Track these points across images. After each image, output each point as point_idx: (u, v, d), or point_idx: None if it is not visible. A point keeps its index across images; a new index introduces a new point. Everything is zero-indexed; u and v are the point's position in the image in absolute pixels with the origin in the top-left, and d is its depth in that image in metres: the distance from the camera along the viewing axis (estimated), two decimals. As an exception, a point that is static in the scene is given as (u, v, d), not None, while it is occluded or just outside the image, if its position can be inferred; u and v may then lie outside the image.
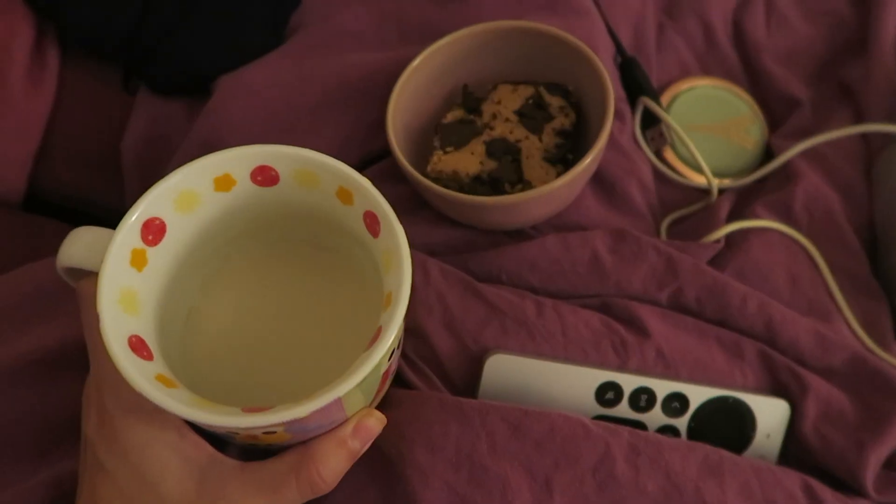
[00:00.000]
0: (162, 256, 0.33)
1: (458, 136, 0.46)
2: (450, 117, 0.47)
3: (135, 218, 0.31)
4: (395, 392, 0.39)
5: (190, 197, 0.33)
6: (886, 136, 0.51)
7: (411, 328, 0.42)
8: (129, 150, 0.55)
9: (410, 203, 0.47)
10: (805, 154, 0.53)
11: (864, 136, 0.54)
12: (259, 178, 0.33)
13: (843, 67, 0.59)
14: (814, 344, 0.44)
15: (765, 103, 0.58)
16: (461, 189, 0.45)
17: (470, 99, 0.48)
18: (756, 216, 0.50)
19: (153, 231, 0.32)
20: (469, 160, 0.45)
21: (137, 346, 0.30)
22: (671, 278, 0.45)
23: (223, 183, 0.33)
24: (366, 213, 0.33)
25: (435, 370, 0.41)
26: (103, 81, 0.58)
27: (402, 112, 0.47)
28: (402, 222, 0.47)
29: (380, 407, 0.37)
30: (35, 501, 0.38)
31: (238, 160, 0.33)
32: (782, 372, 0.43)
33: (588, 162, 0.42)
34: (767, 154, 0.56)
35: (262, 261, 0.39)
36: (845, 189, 0.52)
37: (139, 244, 0.31)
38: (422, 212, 0.47)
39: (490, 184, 0.44)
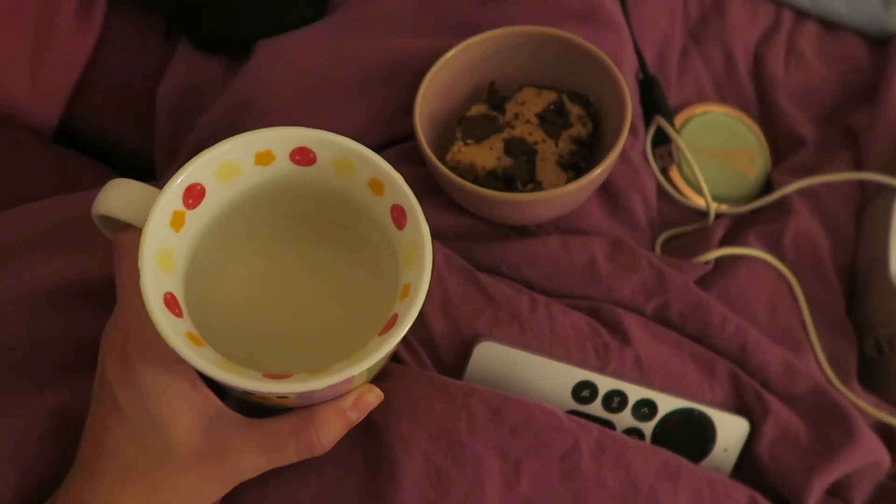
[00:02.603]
0: (198, 220, 0.35)
1: (479, 131, 0.49)
2: (474, 111, 0.50)
3: (180, 181, 0.33)
4: (388, 365, 0.42)
5: (231, 167, 0.34)
6: (880, 186, 0.54)
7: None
8: (164, 99, 0.57)
9: (425, 187, 0.50)
10: (802, 192, 0.55)
11: (860, 183, 0.57)
12: (297, 158, 0.35)
13: (851, 113, 0.61)
14: (781, 371, 0.47)
15: (772, 137, 0.61)
16: (476, 181, 0.48)
17: (495, 96, 0.50)
18: (747, 244, 0.53)
19: (194, 195, 0.34)
20: (487, 154, 0.47)
21: (171, 303, 0.32)
22: (659, 291, 0.48)
23: (263, 158, 0.35)
24: (394, 206, 0.35)
25: (427, 349, 0.44)
26: (146, 30, 0.60)
27: (429, 100, 0.49)
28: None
29: (372, 377, 0.40)
30: (39, 427, 0.39)
31: (281, 139, 0.34)
32: (748, 393, 0.46)
33: (599, 172, 0.44)
34: (767, 186, 0.59)
35: (288, 235, 0.41)
36: (834, 230, 0.55)
37: (180, 206, 0.33)
38: (435, 196, 0.50)
39: (504, 180, 0.47)
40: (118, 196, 0.33)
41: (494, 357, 0.44)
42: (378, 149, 0.53)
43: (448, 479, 0.38)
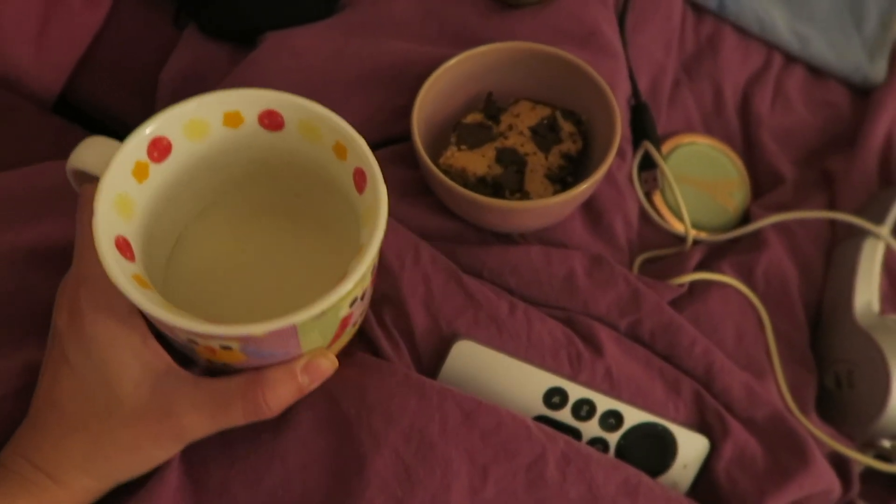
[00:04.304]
0: (163, 175, 0.35)
1: (473, 138, 0.50)
2: (470, 119, 0.51)
3: (147, 132, 0.33)
4: (365, 357, 0.43)
5: (200, 125, 0.35)
6: (851, 228, 0.56)
7: (395, 301, 0.46)
8: (167, 82, 0.58)
9: (416, 188, 0.51)
10: (776, 226, 0.57)
11: (832, 223, 0.59)
12: (266, 122, 0.36)
13: (829, 157, 0.64)
14: (744, 395, 0.48)
15: (753, 172, 0.63)
16: (465, 186, 0.49)
17: (492, 107, 0.52)
18: (721, 271, 0.55)
19: (160, 149, 0.34)
20: (479, 161, 0.49)
21: (123, 246, 0.32)
22: (633, 309, 0.49)
23: (232, 119, 0.35)
24: (356, 170, 0.35)
25: (407, 342, 0.45)
26: (156, 12, 0.61)
27: (428, 104, 0.51)
28: (405, 205, 0.51)
29: (350, 368, 0.40)
30: (10, 383, 0.39)
31: (249, 100, 0.35)
32: (710, 413, 0.48)
33: (584, 188, 0.46)
34: (745, 219, 0.61)
35: (256, 202, 0.42)
36: (804, 266, 0.57)
37: (144, 157, 0.33)
38: (425, 198, 0.51)
39: (493, 187, 0.49)
40: (92, 152, 0.34)
41: (471, 356, 0.45)
42: (373, 147, 0.55)
43: (416, 480, 0.39)
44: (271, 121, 0.36)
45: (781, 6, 0.67)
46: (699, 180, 0.61)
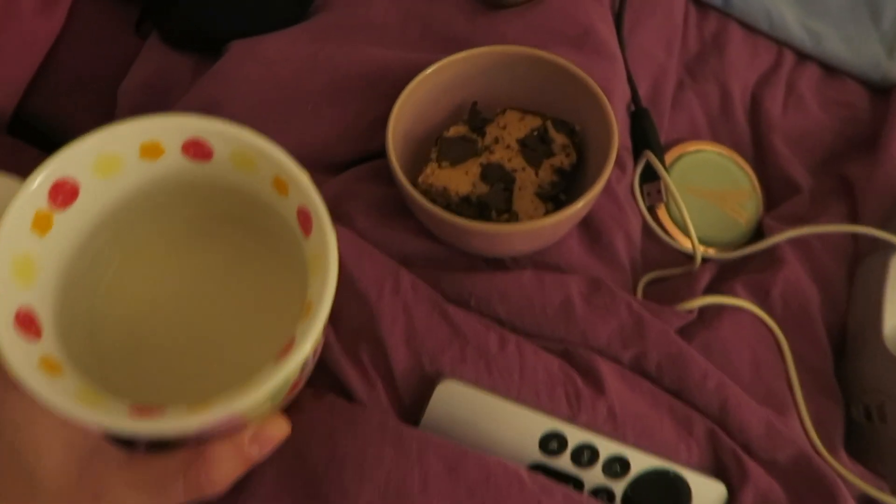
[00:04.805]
0: (71, 222, 0.30)
1: (456, 153, 0.45)
2: (452, 132, 0.47)
3: (41, 179, 0.28)
4: (336, 401, 0.38)
5: (112, 161, 0.30)
6: (876, 242, 0.51)
7: (372, 336, 0.41)
8: (126, 96, 0.53)
9: (397, 209, 0.47)
10: (793, 241, 0.52)
11: (855, 237, 0.54)
12: (191, 152, 0.31)
13: (848, 162, 0.59)
14: (764, 434, 0.43)
15: (765, 181, 0.58)
16: (448, 206, 0.44)
17: (476, 118, 0.47)
18: (733, 293, 0.50)
19: (64, 193, 0.29)
20: (462, 179, 0.44)
21: (25, 321, 0.27)
22: (638, 339, 0.44)
23: (151, 150, 0.31)
24: (300, 209, 0.30)
25: (385, 382, 0.40)
26: (116, 19, 0.57)
27: (405, 116, 0.46)
28: (385, 227, 0.47)
29: (319, 413, 0.36)
30: None
31: (170, 129, 0.30)
32: (727, 455, 0.43)
33: (579, 207, 0.41)
34: (758, 232, 0.56)
35: (188, 237, 0.37)
36: (825, 285, 0.52)
37: (45, 206, 0.29)
38: (406, 220, 0.46)
39: (478, 207, 0.44)
40: None
41: (458, 398, 0.40)
42: (348, 164, 0.50)
43: None
44: (197, 151, 0.31)
45: (791, 0, 0.62)
46: (707, 191, 0.56)
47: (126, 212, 0.33)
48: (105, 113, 0.55)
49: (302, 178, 0.30)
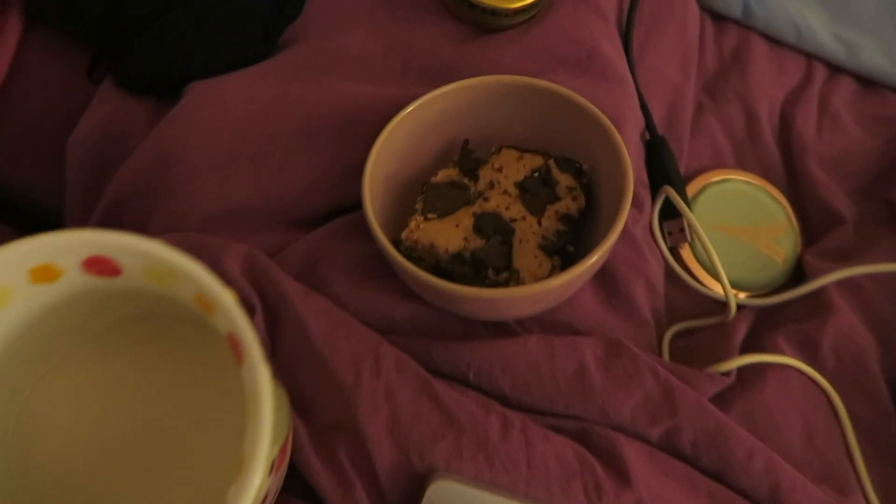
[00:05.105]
0: None
1: (445, 202, 0.39)
2: (441, 176, 0.40)
3: None
4: None
5: None
6: (939, 279, 0.44)
7: (349, 428, 0.35)
8: (77, 148, 0.47)
9: (380, 266, 0.40)
10: (842, 283, 0.45)
11: (912, 273, 0.47)
12: (94, 269, 0.26)
13: (895, 185, 0.52)
14: (825, 523, 0.36)
15: (803, 212, 0.52)
16: (437, 266, 0.38)
17: (468, 159, 0.41)
18: (776, 347, 0.43)
19: None
20: (452, 233, 0.38)
21: None
22: (667, 413, 0.37)
23: (43, 274, 0.26)
24: (229, 335, 0.25)
25: (366, 484, 0.34)
26: (67, 66, 0.51)
27: (386, 161, 0.40)
28: (366, 289, 0.40)
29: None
30: None
31: (61, 250, 0.25)
32: (782, 551, 0.36)
33: (592, 262, 0.35)
34: (797, 271, 0.49)
35: (109, 357, 0.32)
36: (882, 333, 0.45)
37: None
38: (390, 280, 0.40)
39: (472, 265, 0.37)
40: None
41: (454, 499, 0.33)
42: (323, 217, 0.44)
43: None
44: (102, 268, 0.26)
45: (819, 8, 0.56)
46: (736, 227, 0.50)
47: (33, 336, 0.28)
48: (58, 168, 0.50)
49: (225, 299, 0.25)
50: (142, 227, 0.45)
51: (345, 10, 0.47)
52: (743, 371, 0.42)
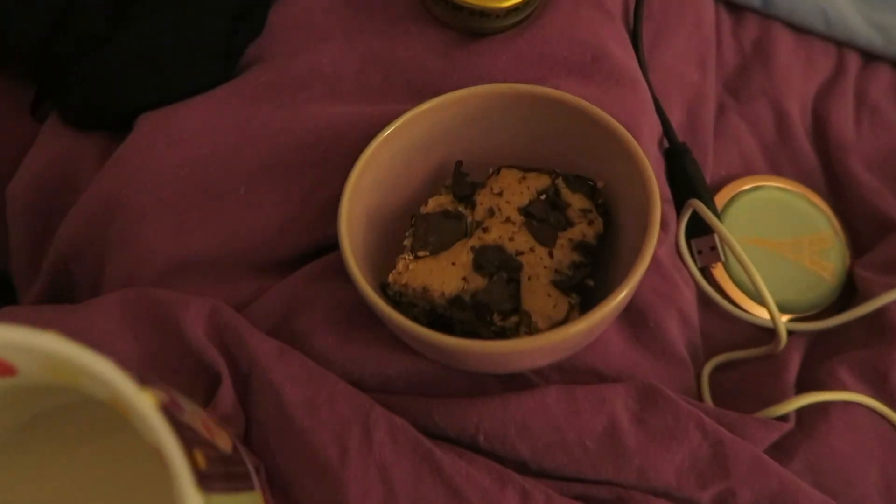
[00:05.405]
0: None
1: (437, 236, 0.33)
2: (432, 206, 0.35)
3: None
4: None
5: None
6: None
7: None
8: (19, 196, 0.42)
9: (368, 312, 0.34)
10: (907, 300, 0.39)
11: None
12: None
13: (952, 183, 0.46)
14: None
15: (848, 219, 0.45)
16: (432, 312, 0.32)
17: (462, 183, 0.35)
18: (838, 382, 0.37)
19: None
20: (448, 273, 0.32)
21: None
22: (719, 473, 0.31)
23: None
24: (153, 444, 0.20)
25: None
26: (7, 104, 0.45)
27: (366, 192, 0.34)
28: (354, 343, 0.34)
29: None
30: None
31: None
32: None
33: (619, 300, 0.29)
34: (848, 286, 0.43)
35: (22, 467, 0.26)
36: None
37: None
38: (381, 328, 0.34)
39: (474, 309, 0.31)
40: None
41: None
42: (301, 259, 0.38)
43: None
44: None
45: (848, -9, 0.50)
46: (775, 240, 0.44)
47: None
48: (1, 220, 0.44)
49: (143, 407, 0.19)
50: (95, 283, 0.39)
51: (314, 21, 0.42)
52: (801, 412, 0.36)
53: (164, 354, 0.33)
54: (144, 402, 0.19)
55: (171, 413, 0.20)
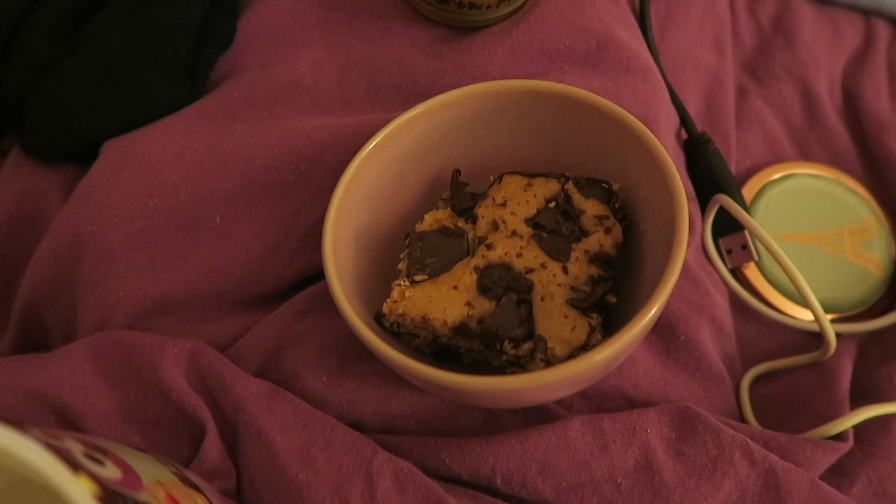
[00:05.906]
0: None
1: (436, 256, 0.29)
2: (428, 222, 0.31)
3: None
4: None
5: None
6: None
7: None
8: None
9: (363, 346, 0.31)
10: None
11: None
12: None
13: None
14: None
15: (891, 203, 0.41)
16: (434, 342, 0.28)
17: (461, 194, 0.31)
18: (893, 384, 0.33)
19: None
20: (450, 299, 0.28)
21: None
22: (773, 507, 0.27)
23: None
24: None
25: None
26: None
27: (354, 211, 0.30)
28: (351, 380, 0.31)
29: None
30: None
31: None
32: None
33: (647, 320, 0.25)
34: (896, 279, 0.39)
35: None
36: None
37: None
38: (379, 361, 0.30)
39: (481, 338, 0.27)
40: None
41: None
42: (287, 290, 0.35)
43: None
44: None
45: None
46: (811, 233, 0.40)
47: None
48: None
49: (77, 495, 0.16)
50: (69, 328, 0.35)
51: (289, 27, 0.38)
52: (860, 428, 0.32)
53: (144, 405, 0.30)
54: (79, 491, 0.16)
55: (117, 496, 0.17)
